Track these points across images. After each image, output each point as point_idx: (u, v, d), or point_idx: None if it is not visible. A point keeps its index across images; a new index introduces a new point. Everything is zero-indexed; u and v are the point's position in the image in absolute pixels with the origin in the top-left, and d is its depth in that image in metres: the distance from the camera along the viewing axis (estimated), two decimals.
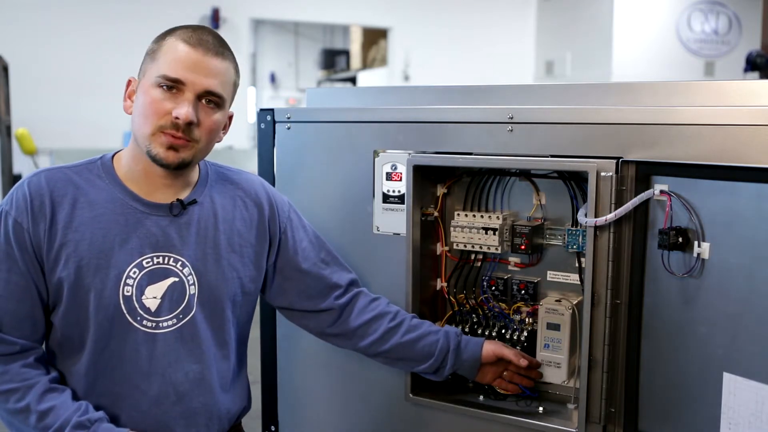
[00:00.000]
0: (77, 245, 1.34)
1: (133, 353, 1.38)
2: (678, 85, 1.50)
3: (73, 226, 1.34)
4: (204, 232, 1.44)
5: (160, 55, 1.35)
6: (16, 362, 1.33)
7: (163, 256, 1.39)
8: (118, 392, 1.38)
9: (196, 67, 1.33)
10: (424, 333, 1.61)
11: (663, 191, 1.38)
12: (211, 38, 1.37)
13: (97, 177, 1.40)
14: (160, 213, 1.41)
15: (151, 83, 1.34)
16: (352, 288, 1.65)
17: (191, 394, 1.43)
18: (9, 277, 1.33)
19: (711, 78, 8.65)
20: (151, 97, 1.33)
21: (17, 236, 1.33)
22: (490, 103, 1.65)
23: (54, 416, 1.29)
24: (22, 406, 1.30)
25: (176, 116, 1.32)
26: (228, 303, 1.47)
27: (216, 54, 1.36)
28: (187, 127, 1.33)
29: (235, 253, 1.48)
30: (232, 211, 1.50)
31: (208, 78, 1.34)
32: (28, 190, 1.35)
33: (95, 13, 7.75)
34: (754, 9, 9.01)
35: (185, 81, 1.32)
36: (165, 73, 1.32)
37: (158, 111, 1.32)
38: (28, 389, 1.31)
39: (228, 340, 1.49)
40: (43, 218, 1.33)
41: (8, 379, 1.32)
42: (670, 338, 1.41)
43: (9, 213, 1.34)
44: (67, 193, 1.36)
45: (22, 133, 6.62)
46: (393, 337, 1.60)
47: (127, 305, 1.36)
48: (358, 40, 11.18)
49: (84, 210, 1.36)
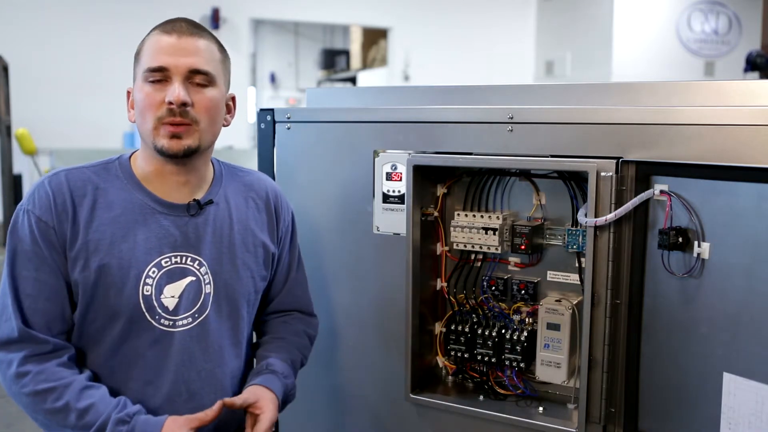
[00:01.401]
0: (97, 245, 1.35)
1: (149, 351, 1.39)
2: (678, 85, 1.50)
3: (93, 226, 1.35)
4: (220, 231, 1.46)
5: (142, 54, 1.38)
6: (50, 361, 1.33)
7: (181, 255, 1.41)
8: (131, 388, 1.39)
9: (174, 50, 1.35)
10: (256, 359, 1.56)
11: (663, 191, 1.38)
12: (185, 23, 1.39)
13: (116, 177, 1.41)
14: (178, 213, 1.42)
15: (140, 82, 1.36)
16: (291, 313, 1.64)
17: (202, 392, 1.44)
18: (38, 276, 1.33)
19: (711, 78, 8.66)
20: (144, 93, 1.35)
21: (43, 234, 1.33)
22: (490, 103, 1.65)
23: (94, 414, 1.29)
24: (61, 405, 1.30)
25: (169, 101, 1.33)
26: (243, 302, 1.49)
27: (191, 34, 1.37)
28: (183, 110, 1.34)
29: (250, 253, 1.50)
30: (246, 212, 1.52)
31: (188, 57, 1.35)
32: (49, 188, 1.36)
33: (95, 13, 7.76)
34: (754, 9, 9.02)
35: (167, 66, 1.34)
36: (148, 66, 1.34)
37: (152, 103, 1.34)
38: (65, 388, 1.31)
39: (242, 339, 1.51)
40: (66, 217, 1.34)
41: (44, 379, 1.31)
42: (670, 338, 1.41)
43: (32, 212, 1.34)
44: (87, 193, 1.37)
45: (22, 133, 6.62)
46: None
47: (146, 304, 1.37)
48: (358, 40, 11.18)
49: (103, 210, 1.37)
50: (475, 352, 1.70)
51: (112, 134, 7.59)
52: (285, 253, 1.61)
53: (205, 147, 1.42)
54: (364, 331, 1.80)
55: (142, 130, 1.37)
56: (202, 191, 1.46)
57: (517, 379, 1.69)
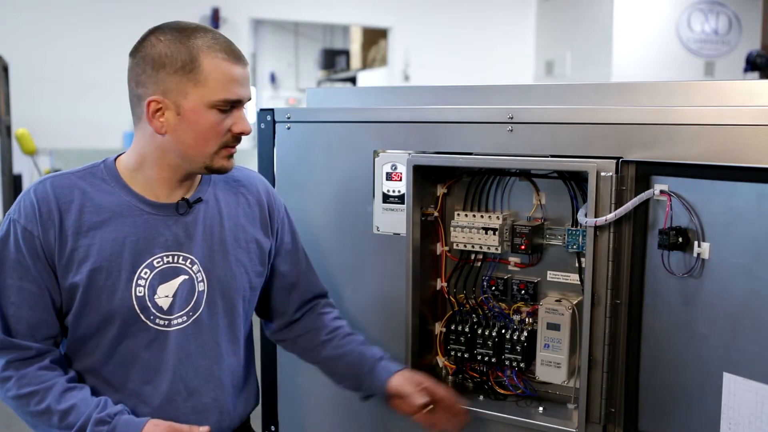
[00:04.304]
0: (88, 250, 1.35)
1: (146, 351, 1.39)
2: (678, 85, 1.50)
3: (83, 232, 1.36)
4: (210, 229, 1.46)
5: (204, 78, 1.32)
6: (32, 366, 1.34)
7: (172, 255, 1.41)
8: (130, 389, 1.39)
9: (245, 81, 1.38)
10: (348, 351, 1.60)
11: (663, 191, 1.38)
12: (233, 45, 1.39)
13: (102, 181, 1.41)
14: (167, 213, 1.42)
15: (205, 105, 1.33)
16: (316, 300, 1.68)
17: (201, 390, 1.44)
18: (21, 285, 1.34)
19: (711, 78, 8.65)
20: (211, 121, 1.34)
21: (28, 244, 1.34)
22: (490, 103, 1.65)
23: (75, 414, 1.30)
24: (43, 408, 1.31)
25: (242, 132, 1.38)
26: (238, 298, 1.49)
27: (246, 61, 1.40)
28: None
29: (242, 249, 1.50)
30: (236, 208, 1.52)
31: (249, 87, 1.40)
32: (34, 197, 1.36)
33: (95, 13, 7.75)
34: (754, 9, 9.02)
35: (242, 99, 1.37)
36: (225, 98, 1.34)
37: (220, 132, 1.36)
38: (47, 391, 1.32)
39: (239, 336, 1.52)
40: (52, 225, 1.34)
41: (26, 383, 1.33)
42: (670, 338, 1.41)
43: (17, 221, 1.35)
44: (74, 199, 1.37)
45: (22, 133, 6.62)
46: (323, 351, 1.62)
47: (140, 305, 1.38)
48: (358, 40, 11.17)
49: (92, 215, 1.37)
50: (475, 352, 1.70)
51: (112, 134, 7.58)
52: (288, 244, 1.61)
53: None
54: (364, 331, 1.80)
55: (196, 152, 1.37)
56: (191, 191, 1.46)
57: (517, 379, 1.69)
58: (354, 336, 1.65)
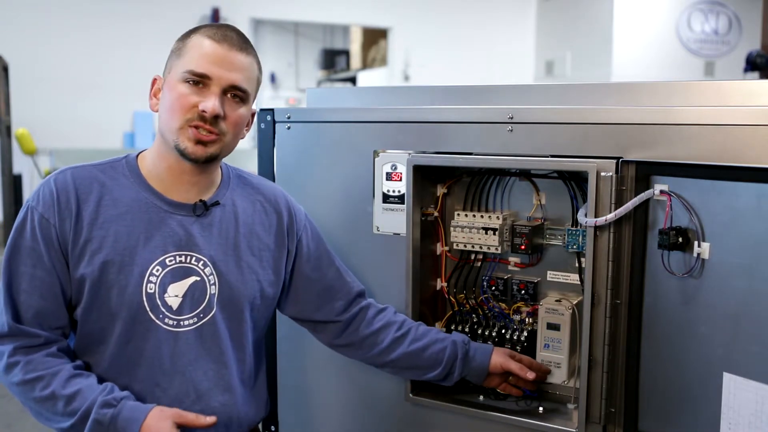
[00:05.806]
0: (102, 242, 1.36)
1: (155, 351, 1.39)
2: (678, 85, 1.50)
3: (98, 223, 1.36)
4: (225, 233, 1.46)
5: (185, 52, 1.37)
6: (39, 352, 1.34)
7: (185, 255, 1.41)
8: (138, 390, 1.38)
9: (221, 61, 1.36)
10: (431, 341, 1.61)
11: (663, 191, 1.38)
12: (235, 34, 1.41)
13: (122, 175, 1.42)
14: (184, 212, 1.42)
15: (177, 79, 1.36)
16: (359, 300, 1.66)
17: (210, 394, 1.43)
18: (34, 272, 1.34)
19: (711, 78, 8.65)
20: (178, 92, 1.35)
21: (43, 232, 1.34)
22: (490, 103, 1.65)
23: (81, 399, 1.30)
24: (48, 394, 1.31)
25: (203, 109, 1.34)
26: (246, 305, 1.48)
27: (240, 49, 1.39)
28: (214, 120, 1.36)
29: (255, 257, 1.49)
30: (252, 215, 1.52)
31: (233, 72, 1.37)
32: (54, 186, 1.37)
33: (95, 13, 7.74)
34: (754, 9, 9.02)
35: (211, 75, 1.35)
36: (191, 69, 1.35)
37: (185, 105, 1.35)
38: (53, 376, 1.32)
39: (245, 343, 1.50)
40: (69, 214, 1.35)
41: (32, 368, 1.32)
42: (670, 338, 1.41)
43: (35, 209, 1.36)
44: (93, 191, 1.38)
45: (22, 133, 6.63)
46: (400, 347, 1.60)
47: (150, 302, 1.37)
48: (358, 40, 11.17)
49: (109, 207, 1.38)
50: None
51: (112, 134, 7.58)
52: (314, 251, 1.60)
53: (224, 156, 1.44)
54: None
55: (166, 127, 1.38)
56: (209, 193, 1.47)
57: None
58: (423, 325, 1.65)
